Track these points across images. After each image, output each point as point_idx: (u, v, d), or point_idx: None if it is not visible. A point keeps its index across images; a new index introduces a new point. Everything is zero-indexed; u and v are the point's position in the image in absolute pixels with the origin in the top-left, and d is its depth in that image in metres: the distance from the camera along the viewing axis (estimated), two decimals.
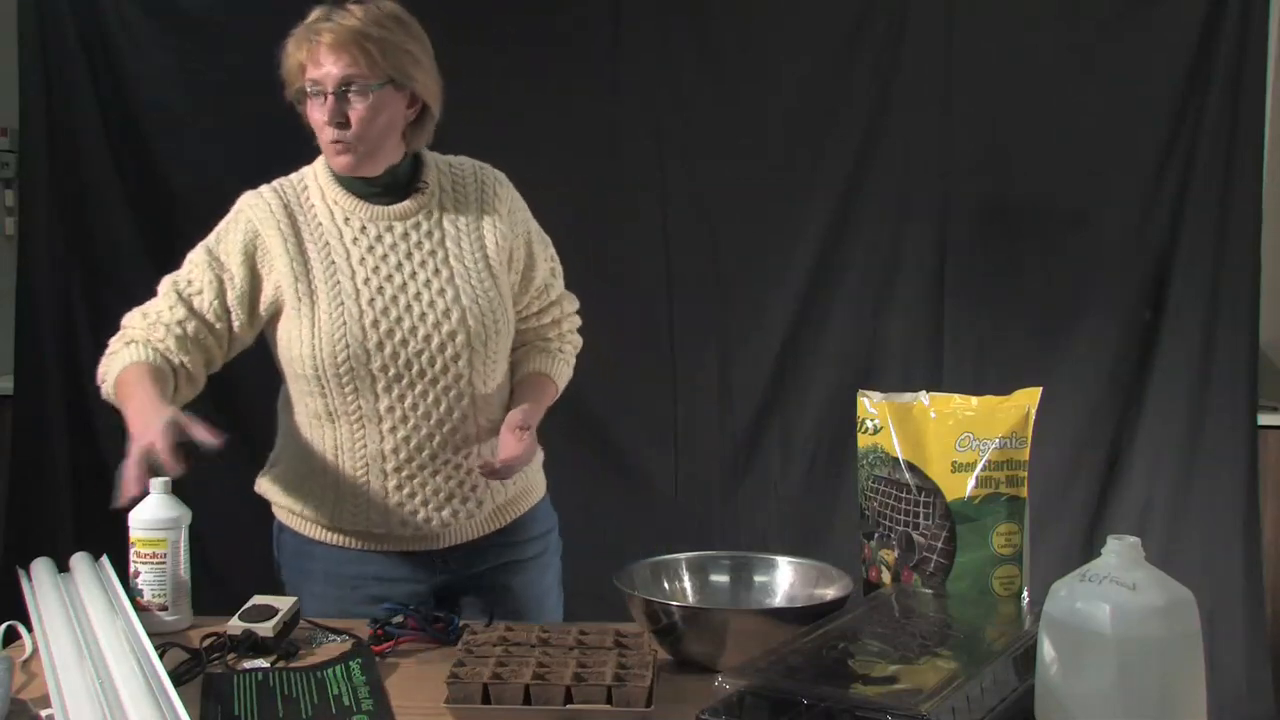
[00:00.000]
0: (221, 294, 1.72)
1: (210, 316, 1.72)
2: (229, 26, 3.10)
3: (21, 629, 1.50)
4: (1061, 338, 3.15)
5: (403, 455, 1.73)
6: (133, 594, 1.56)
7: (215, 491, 3.07)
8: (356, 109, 1.66)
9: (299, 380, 1.74)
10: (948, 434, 1.54)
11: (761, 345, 3.17)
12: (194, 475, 1.40)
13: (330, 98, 1.65)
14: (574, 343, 1.98)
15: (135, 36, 3.10)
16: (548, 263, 1.89)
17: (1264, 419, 3.15)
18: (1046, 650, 1.18)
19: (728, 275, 3.17)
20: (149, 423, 1.48)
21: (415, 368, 1.71)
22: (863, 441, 1.62)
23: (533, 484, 1.92)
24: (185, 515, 1.62)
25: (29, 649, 1.47)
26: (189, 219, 3.11)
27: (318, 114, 1.68)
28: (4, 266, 3.20)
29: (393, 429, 1.72)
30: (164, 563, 1.59)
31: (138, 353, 1.68)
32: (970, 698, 1.16)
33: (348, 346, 1.68)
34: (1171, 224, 3.13)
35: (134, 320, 1.74)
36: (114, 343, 1.74)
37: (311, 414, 1.76)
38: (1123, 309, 3.15)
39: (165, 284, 1.74)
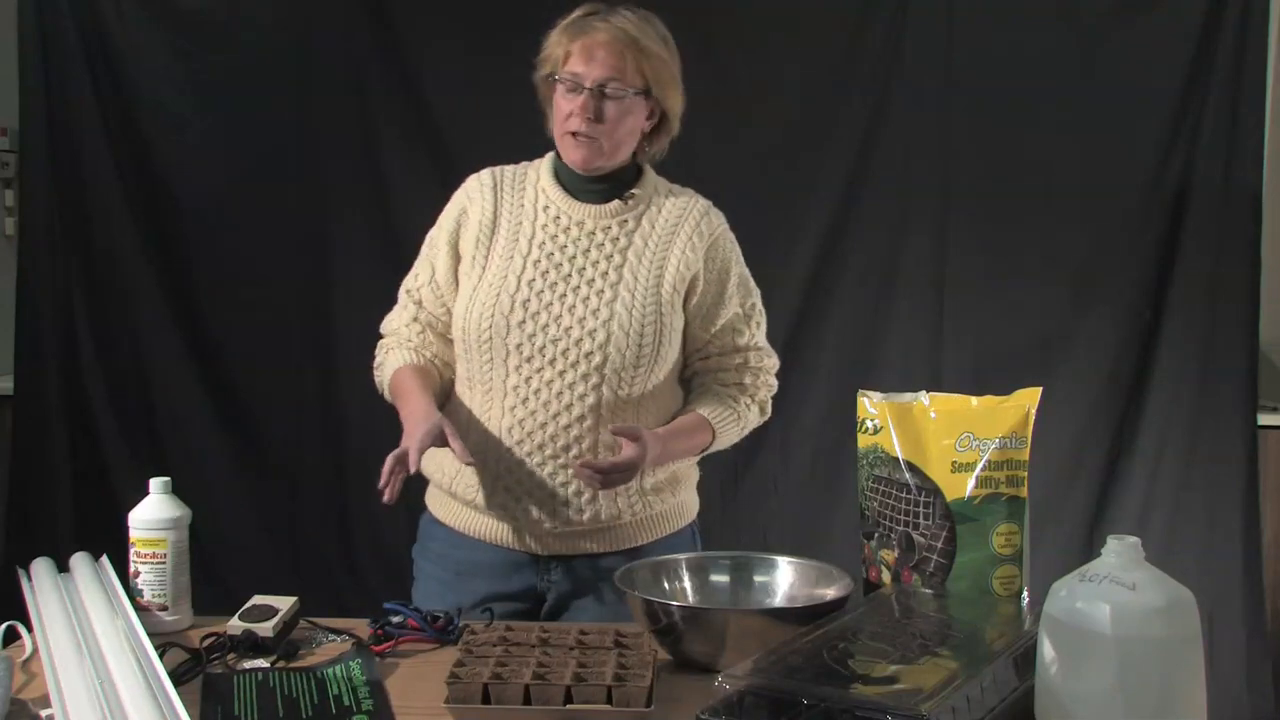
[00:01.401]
0: (433, 277, 1.84)
1: (431, 305, 1.85)
2: (229, 26, 3.11)
3: (21, 629, 1.50)
4: (1061, 338, 3.15)
5: (517, 436, 1.75)
6: (133, 594, 1.56)
7: (215, 491, 3.10)
8: (609, 109, 1.74)
9: (457, 343, 1.82)
10: (947, 434, 1.54)
11: None
12: (194, 475, 1.40)
13: (587, 93, 1.73)
14: (759, 403, 1.89)
15: (135, 36, 3.11)
16: (741, 309, 1.86)
17: (1264, 419, 3.15)
18: (1046, 650, 1.18)
19: None
20: (412, 431, 1.66)
21: (548, 354, 1.74)
22: (863, 441, 1.62)
23: (656, 515, 1.84)
24: (185, 515, 1.62)
25: (29, 649, 1.47)
26: (189, 219, 3.16)
27: (567, 104, 1.75)
28: (4, 266, 3.20)
29: (514, 408, 1.75)
30: (164, 563, 1.59)
31: (400, 357, 1.84)
32: (970, 698, 1.16)
33: (492, 315, 1.75)
34: (1171, 224, 3.13)
35: (386, 328, 1.90)
36: (378, 354, 1.90)
37: (461, 379, 1.84)
38: (1123, 309, 3.16)
39: (401, 290, 1.89)
